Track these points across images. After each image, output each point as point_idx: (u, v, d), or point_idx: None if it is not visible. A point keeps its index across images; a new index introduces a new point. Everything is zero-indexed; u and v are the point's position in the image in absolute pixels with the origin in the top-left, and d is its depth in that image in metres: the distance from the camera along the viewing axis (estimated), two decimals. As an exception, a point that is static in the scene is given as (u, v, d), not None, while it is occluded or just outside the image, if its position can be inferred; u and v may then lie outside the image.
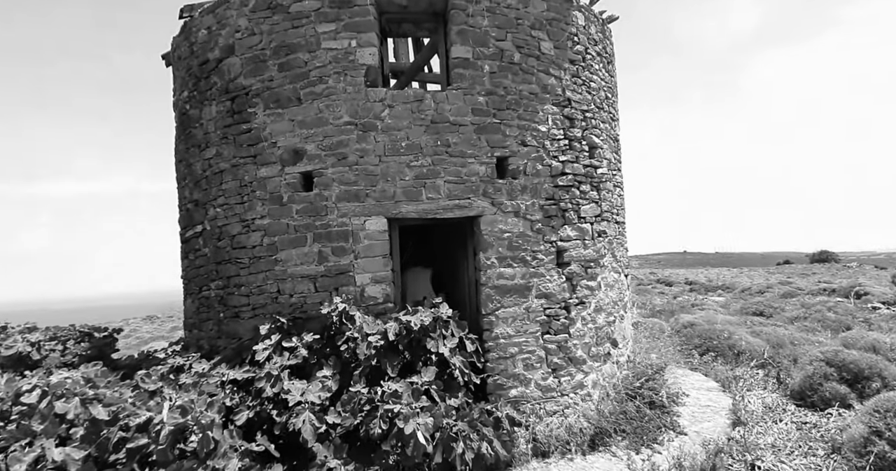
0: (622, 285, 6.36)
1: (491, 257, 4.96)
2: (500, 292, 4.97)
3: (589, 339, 5.47)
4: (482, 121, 4.98)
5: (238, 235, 5.11)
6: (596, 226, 5.69)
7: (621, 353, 6.10)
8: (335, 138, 4.79)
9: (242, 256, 5.09)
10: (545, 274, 5.17)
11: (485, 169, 4.98)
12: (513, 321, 5.01)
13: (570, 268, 5.33)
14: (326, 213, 4.78)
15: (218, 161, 5.26)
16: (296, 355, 4.13)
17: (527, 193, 5.13)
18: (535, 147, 5.20)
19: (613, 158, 6.33)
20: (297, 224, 4.84)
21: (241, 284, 5.10)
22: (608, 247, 5.90)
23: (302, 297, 4.80)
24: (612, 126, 6.42)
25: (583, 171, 5.56)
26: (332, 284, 4.75)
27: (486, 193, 4.97)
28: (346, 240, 4.75)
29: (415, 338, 4.28)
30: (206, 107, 5.36)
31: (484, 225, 4.96)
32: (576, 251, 5.39)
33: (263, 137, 4.97)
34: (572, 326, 5.29)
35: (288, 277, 4.85)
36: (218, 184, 5.28)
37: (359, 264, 4.74)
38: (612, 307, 5.93)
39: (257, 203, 4.99)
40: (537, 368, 5.05)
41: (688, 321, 9.86)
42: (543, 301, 5.15)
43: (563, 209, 5.34)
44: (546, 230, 5.21)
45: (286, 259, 4.86)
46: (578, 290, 5.39)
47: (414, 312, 4.35)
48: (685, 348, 8.19)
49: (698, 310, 13.22)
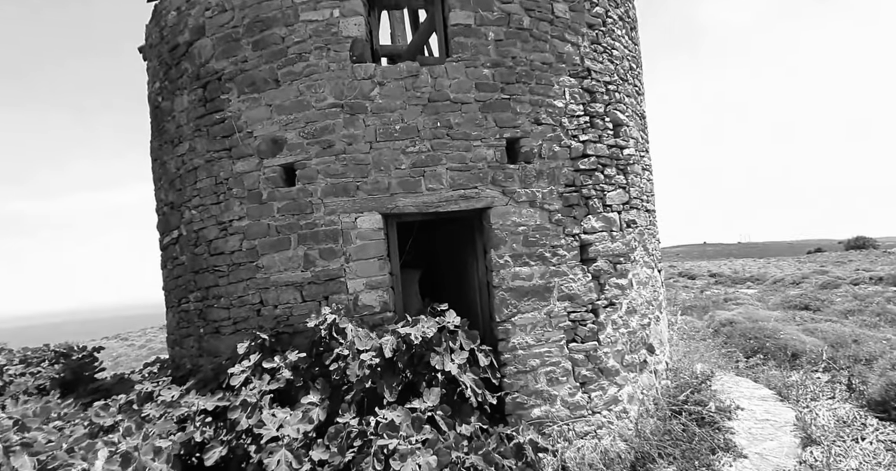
0: (656, 282, 5.59)
1: (504, 255, 4.27)
2: (516, 296, 4.27)
3: (622, 346, 4.73)
4: (488, 97, 4.29)
5: (215, 239, 4.51)
6: (624, 215, 4.95)
7: (659, 360, 5.34)
8: (319, 124, 4.15)
9: (221, 264, 4.48)
10: (568, 272, 4.45)
11: (493, 153, 4.28)
12: (532, 329, 4.30)
13: (597, 264, 4.60)
14: (312, 210, 4.14)
15: (191, 157, 4.67)
16: (277, 378, 3.49)
17: (543, 179, 4.42)
18: (551, 125, 4.49)
19: (641, 137, 5.57)
20: (278, 224, 4.21)
21: (221, 295, 4.50)
22: (639, 239, 5.14)
23: (287, 308, 4.17)
24: (638, 101, 5.66)
25: (607, 152, 4.82)
26: (321, 292, 4.11)
27: (496, 181, 4.27)
28: (336, 241, 4.11)
29: (416, 354, 3.61)
30: (178, 97, 4.78)
31: (494, 218, 4.26)
32: (602, 245, 4.65)
33: (238, 127, 4.36)
34: (602, 332, 4.56)
35: (271, 286, 4.22)
36: (192, 183, 4.69)
37: (351, 268, 4.09)
38: (646, 308, 5.18)
39: (234, 202, 4.38)
40: (563, 382, 4.34)
41: (726, 319, 9.00)
42: (567, 304, 4.43)
43: (586, 197, 4.61)
44: (567, 222, 4.49)
45: (268, 265, 4.23)
46: (607, 289, 4.66)
47: (414, 322, 3.67)
48: (728, 350, 7.36)
49: (733, 305, 12.27)
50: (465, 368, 3.67)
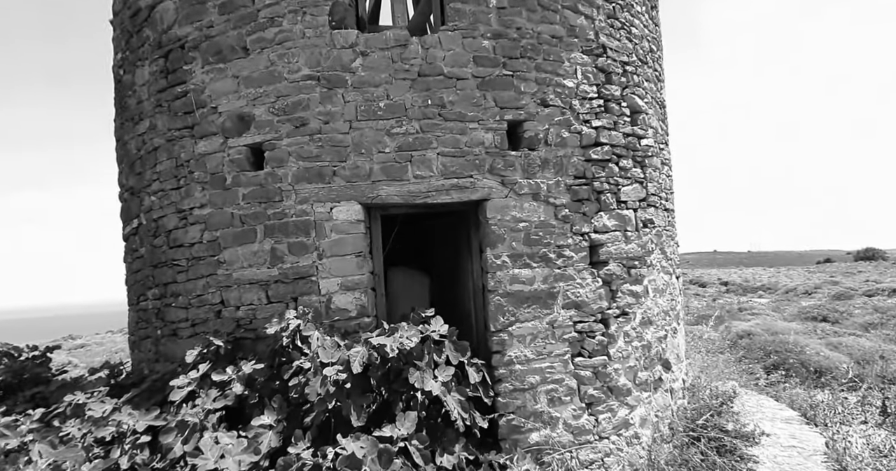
0: (674, 290, 5.00)
1: (502, 255, 3.69)
2: (515, 302, 3.70)
3: (634, 361, 4.14)
4: (488, 73, 3.72)
5: (174, 229, 3.97)
6: (640, 213, 4.36)
7: (675, 377, 4.75)
8: (291, 98, 3.60)
9: (180, 257, 3.94)
10: (575, 276, 3.88)
11: (492, 137, 3.72)
12: (532, 340, 3.72)
13: (608, 268, 4.02)
14: (281, 198, 3.59)
15: (152, 136, 4.14)
16: (226, 393, 2.94)
17: (549, 168, 3.85)
18: (560, 108, 3.91)
19: (660, 128, 4.98)
20: (243, 213, 3.66)
21: (179, 292, 3.96)
22: (656, 241, 4.56)
23: (250, 309, 3.62)
24: (658, 88, 5.08)
25: (623, 141, 4.24)
26: (289, 292, 3.56)
27: (494, 170, 3.70)
28: (308, 233, 3.55)
29: (393, 368, 3.05)
30: (139, 68, 4.25)
31: (492, 212, 3.69)
32: (615, 246, 4.07)
33: (201, 101, 3.82)
34: (612, 346, 3.97)
35: (233, 284, 3.67)
36: (152, 165, 4.16)
37: (324, 266, 3.54)
38: (662, 319, 4.59)
39: (195, 187, 3.83)
40: (566, 402, 3.76)
41: (743, 330, 8.38)
42: (573, 313, 3.86)
43: (598, 191, 4.04)
44: (575, 218, 3.91)
45: (231, 260, 3.69)
46: (619, 297, 4.08)
47: (391, 331, 3.11)
48: (747, 365, 6.74)
49: (748, 315, 11.63)
50: (451, 386, 3.10)
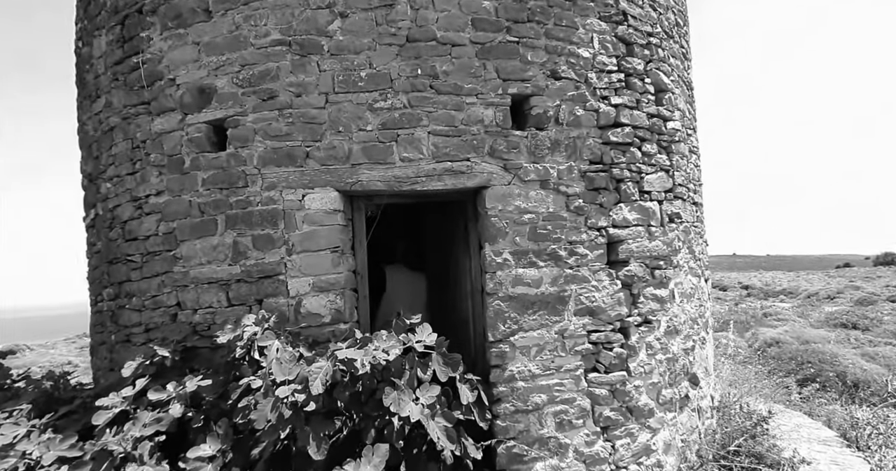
0: (702, 294, 4.40)
1: (503, 252, 3.14)
2: (518, 307, 3.14)
3: (658, 377, 3.56)
4: (489, 39, 3.18)
5: (129, 220, 3.48)
6: (666, 206, 3.78)
7: (703, 394, 4.15)
8: (258, 67, 3.08)
9: (134, 252, 3.45)
10: (589, 278, 3.31)
11: (493, 114, 3.17)
12: (538, 353, 3.17)
13: (629, 269, 3.45)
14: (245, 183, 3.08)
15: (108, 114, 3.65)
16: (159, 417, 2.42)
17: (560, 151, 3.29)
18: (574, 81, 3.35)
19: (688, 111, 4.39)
20: (202, 202, 3.15)
21: (133, 292, 3.46)
22: (683, 238, 3.97)
23: (209, 313, 3.11)
24: (685, 66, 4.48)
25: (647, 122, 3.66)
26: (253, 293, 3.04)
27: (496, 152, 3.16)
28: (275, 225, 3.03)
29: (365, 388, 2.51)
30: (96, 39, 3.77)
31: (491, 201, 3.14)
32: (637, 243, 3.50)
33: (159, 73, 3.32)
34: (633, 359, 3.40)
35: (190, 283, 3.17)
36: (108, 148, 3.68)
37: (293, 263, 3.01)
38: (690, 327, 3.99)
39: (151, 172, 3.34)
40: (578, 426, 3.19)
41: (771, 338, 7.70)
42: (587, 320, 3.29)
43: (618, 179, 3.47)
44: (591, 210, 3.34)
45: (188, 255, 3.18)
46: (641, 302, 3.50)
47: (363, 342, 2.56)
48: (779, 378, 6.09)
49: (774, 321, 10.91)
50: (437, 408, 2.55)
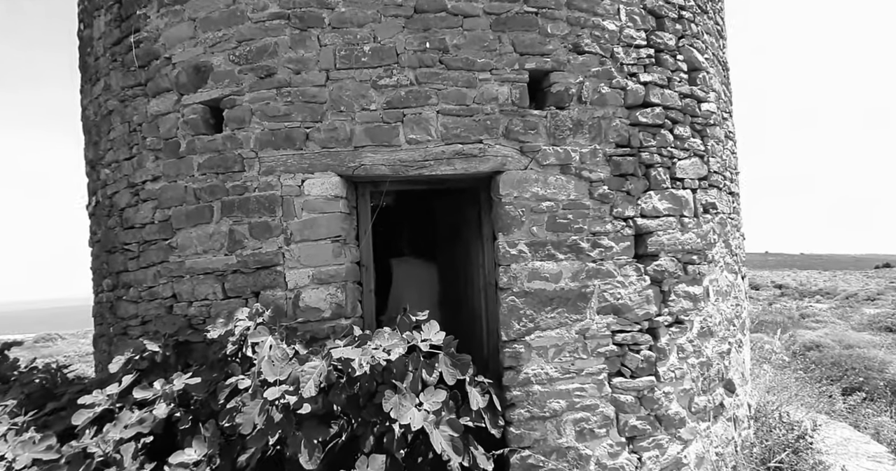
0: (739, 293, 4.04)
1: (518, 243, 2.87)
2: (535, 303, 2.87)
3: (690, 383, 3.24)
4: (504, 9, 2.90)
5: (127, 207, 3.33)
6: (700, 195, 3.44)
7: (739, 402, 3.80)
8: (255, 43, 2.87)
9: (131, 241, 3.30)
10: (615, 273, 3.01)
11: (508, 91, 2.89)
12: (557, 354, 2.89)
13: (659, 263, 3.13)
14: (242, 167, 2.88)
15: (107, 98, 3.51)
16: (142, 419, 2.24)
17: (583, 133, 2.99)
18: (599, 56, 3.05)
19: (724, 93, 4.02)
20: (198, 187, 2.97)
21: (130, 283, 3.32)
22: (719, 230, 3.62)
23: (204, 306, 2.93)
24: (720, 45, 4.11)
25: (679, 103, 3.33)
26: (249, 285, 2.84)
27: (511, 133, 2.88)
28: (273, 212, 2.83)
29: (364, 390, 2.28)
30: (96, 19, 3.63)
31: (506, 187, 2.87)
32: (668, 235, 3.18)
33: (155, 52, 3.14)
34: (662, 363, 3.09)
35: (185, 274, 2.99)
36: (106, 132, 3.53)
37: (292, 253, 2.80)
38: (725, 329, 3.65)
39: (148, 156, 3.17)
40: (601, 436, 2.90)
41: (811, 341, 7.21)
42: (611, 319, 2.99)
43: (647, 164, 3.15)
44: (616, 198, 3.04)
45: (183, 244, 3.00)
46: (672, 300, 3.18)
47: (361, 340, 2.33)
48: (822, 385, 5.65)
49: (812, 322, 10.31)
50: (443, 414, 2.31)
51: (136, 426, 2.19)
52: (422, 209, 4.59)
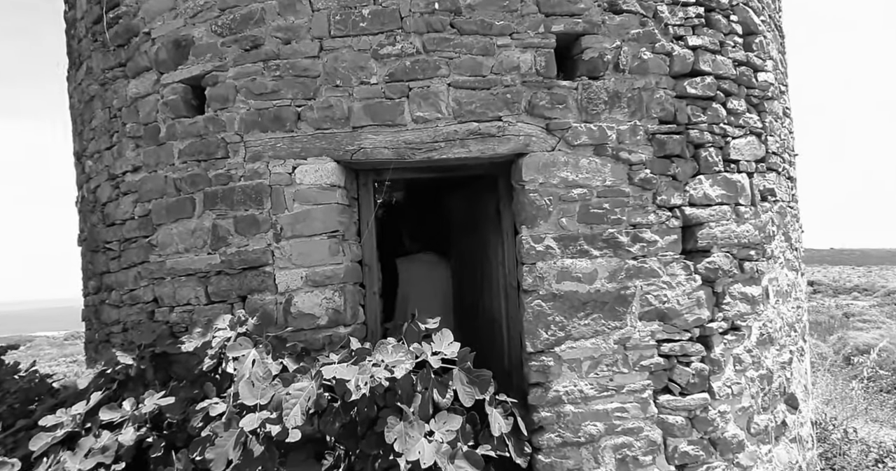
0: (800, 293, 3.53)
1: (544, 237, 2.44)
2: (565, 308, 2.44)
3: (749, 400, 2.77)
4: (527, -37, 2.46)
5: (108, 202, 3.02)
6: (758, 180, 2.95)
7: (803, 419, 3.29)
8: (240, 10, 2.50)
9: (112, 238, 2.98)
10: (660, 271, 2.56)
11: (532, 59, 2.46)
12: (592, 367, 2.45)
13: (711, 260, 2.66)
14: (226, 153, 2.52)
15: (89, 82, 3.20)
16: (105, 446, 1.89)
17: (621, 107, 2.54)
18: (639, 15, 2.58)
19: (781, 62, 3.51)
20: (178, 177, 2.62)
21: (112, 286, 3.01)
22: (779, 221, 3.13)
23: (186, 312, 2.59)
24: (776, 7, 3.59)
25: (733, 71, 2.84)
26: (235, 288, 2.48)
27: (536, 109, 2.45)
28: (260, 204, 2.46)
29: (363, 416, 1.89)
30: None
31: (530, 171, 2.44)
32: (721, 227, 2.71)
33: (134, 27, 2.81)
34: (717, 377, 2.62)
35: (166, 275, 2.65)
36: (89, 120, 3.23)
37: (283, 251, 2.43)
38: (787, 335, 3.16)
39: (128, 144, 2.84)
40: (646, 464, 2.46)
41: (864, 343, 6.57)
42: (656, 326, 2.54)
43: (696, 144, 2.68)
44: (661, 184, 2.58)
45: (164, 242, 2.66)
46: (727, 303, 2.71)
47: (360, 355, 1.94)
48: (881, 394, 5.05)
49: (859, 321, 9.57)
50: (459, 444, 1.91)
51: (98, 455, 1.85)
52: (434, 202, 4.18)
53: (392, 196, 5.36)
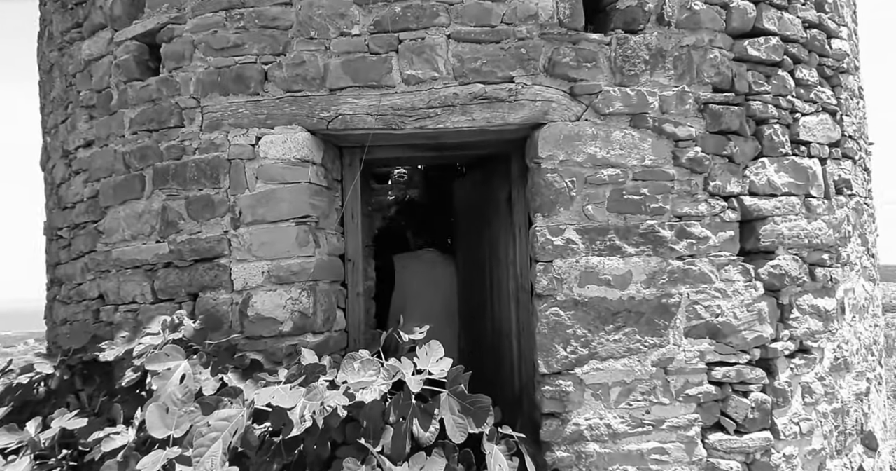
0: (877, 308, 2.93)
1: (565, 229, 1.94)
2: (590, 318, 1.93)
3: (820, 440, 2.20)
4: None
5: (62, 183, 2.64)
6: (832, 167, 2.40)
7: (882, 463, 2.68)
8: (201, -49, 2.09)
9: (63, 225, 2.60)
10: (711, 275, 2.02)
11: (553, 6, 1.97)
12: (623, 395, 1.93)
13: (776, 263, 2.12)
14: (180, 121, 2.09)
15: (50, 49, 2.84)
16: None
17: (665, 68, 2.03)
18: (688, -44, 2.08)
19: (854, 32, 2.94)
20: (127, 150, 2.21)
21: (62, 279, 2.62)
22: (854, 219, 2.55)
23: (132, 311, 2.17)
24: (849, -32, 3.02)
25: (802, 33, 2.31)
26: (185, 284, 2.04)
27: (557, 68, 1.96)
28: (216, 181, 2.02)
29: (313, 457, 1.41)
30: (44, -44, 2.98)
31: (548, 146, 1.95)
32: (788, 223, 2.16)
33: (88, -21, 2.43)
34: (782, 411, 2.07)
35: (112, 267, 2.24)
36: (49, 91, 2.87)
37: (241, 240, 1.99)
38: (863, 359, 2.57)
39: (81, 116, 2.46)
40: (691, 522, 1.92)
41: (931, 368, 5.81)
42: (706, 345, 2.00)
43: (758, 118, 2.15)
44: (714, 167, 2.06)
45: (111, 228, 2.25)
46: (795, 318, 2.16)
47: (309, 373, 1.47)
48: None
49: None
50: (443, 500, 1.41)
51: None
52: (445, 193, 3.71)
53: (406, 193, 4.93)
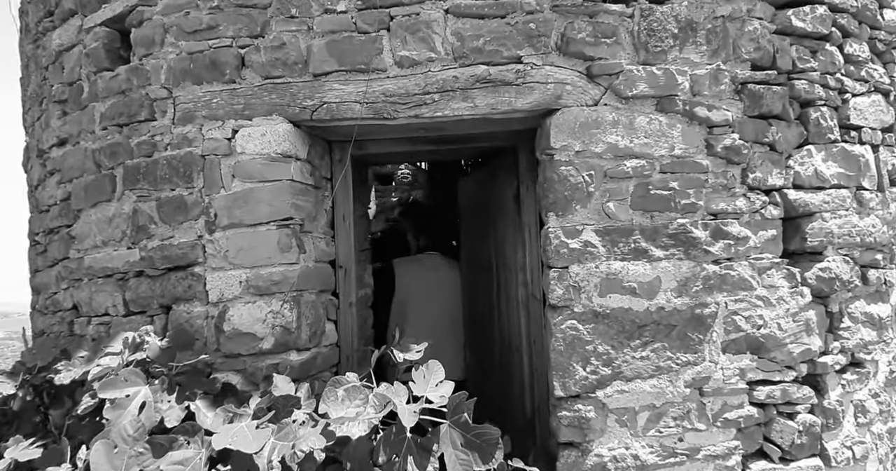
0: (933, 313, 2.62)
1: (582, 229, 1.69)
2: (613, 333, 1.68)
3: (875, 465, 1.93)
4: None
5: (38, 185, 2.47)
6: (885, 155, 2.12)
7: (942, 487, 2.39)
8: (171, -76, 1.88)
9: (39, 229, 2.43)
10: (752, 281, 1.76)
11: (567, -25, 1.72)
12: (653, 421, 1.68)
13: (825, 266, 1.85)
14: (151, 114, 1.89)
15: (27, 42, 2.67)
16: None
17: (697, 43, 1.77)
18: (722, -86, 1.81)
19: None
20: (98, 148, 2.02)
21: (39, 287, 2.45)
22: (910, 214, 2.26)
23: (104, 324, 1.98)
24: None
25: (853, 3, 2.02)
26: (157, 295, 1.84)
27: (570, 45, 1.71)
28: (189, 180, 1.81)
29: (284, 505, 1.19)
30: (19, -56, 2.81)
31: (562, 135, 1.70)
32: (838, 219, 1.89)
33: (57, -38, 2.24)
34: (833, 434, 1.81)
35: (84, 276, 2.05)
36: (26, 88, 2.70)
37: (217, 245, 1.78)
38: (921, 372, 2.28)
39: (54, 111, 2.27)
40: None
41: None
42: (747, 361, 1.75)
43: (803, 100, 1.88)
44: (753, 156, 1.79)
45: (82, 233, 2.06)
46: (845, 328, 1.89)
47: (282, 406, 1.25)
48: None
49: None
50: (441, 554, 1.19)
51: None
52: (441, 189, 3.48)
53: (410, 194, 4.72)
